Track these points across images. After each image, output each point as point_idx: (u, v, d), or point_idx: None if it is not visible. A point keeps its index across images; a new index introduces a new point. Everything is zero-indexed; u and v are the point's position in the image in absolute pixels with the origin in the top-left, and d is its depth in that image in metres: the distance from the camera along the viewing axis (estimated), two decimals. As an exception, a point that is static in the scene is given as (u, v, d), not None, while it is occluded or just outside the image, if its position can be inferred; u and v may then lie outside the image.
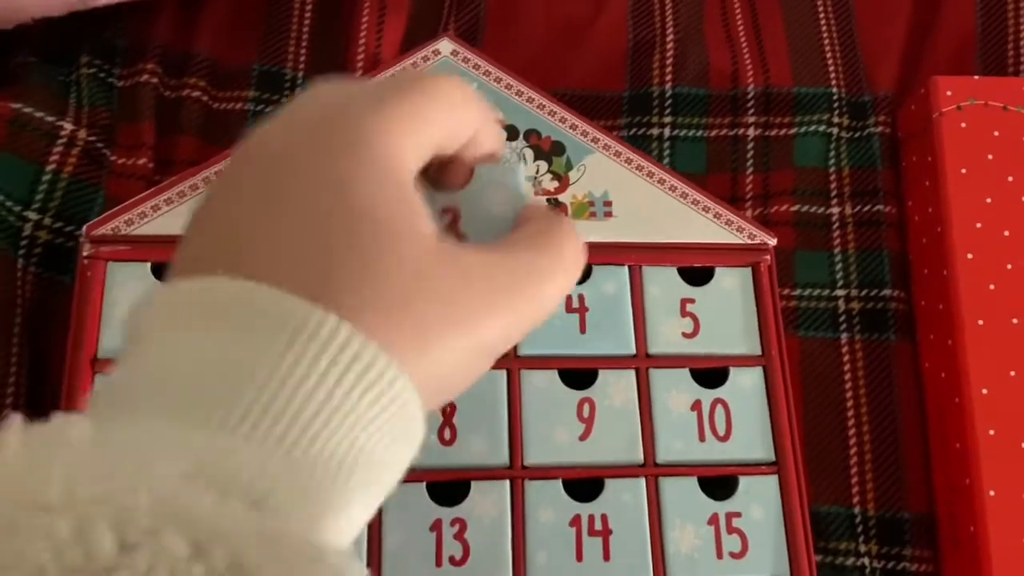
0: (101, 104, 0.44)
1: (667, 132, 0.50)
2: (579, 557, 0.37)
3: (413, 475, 0.36)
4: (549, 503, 0.37)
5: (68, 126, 0.43)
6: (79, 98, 0.44)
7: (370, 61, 0.49)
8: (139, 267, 0.39)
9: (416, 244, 0.23)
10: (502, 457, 0.38)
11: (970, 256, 0.46)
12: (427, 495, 0.37)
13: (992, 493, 0.42)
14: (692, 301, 0.41)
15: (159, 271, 0.39)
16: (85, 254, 0.38)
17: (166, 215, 0.39)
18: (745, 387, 0.40)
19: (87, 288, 0.38)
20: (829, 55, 0.53)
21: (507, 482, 0.37)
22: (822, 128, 0.51)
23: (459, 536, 0.36)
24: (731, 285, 0.42)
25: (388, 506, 0.36)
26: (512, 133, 0.42)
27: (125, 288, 0.38)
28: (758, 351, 0.41)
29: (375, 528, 0.36)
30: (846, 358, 0.47)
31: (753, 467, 0.39)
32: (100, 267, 0.38)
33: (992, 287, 0.45)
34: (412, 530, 0.36)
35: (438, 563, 0.36)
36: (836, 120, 0.51)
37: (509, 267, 0.25)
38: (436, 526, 0.36)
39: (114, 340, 0.38)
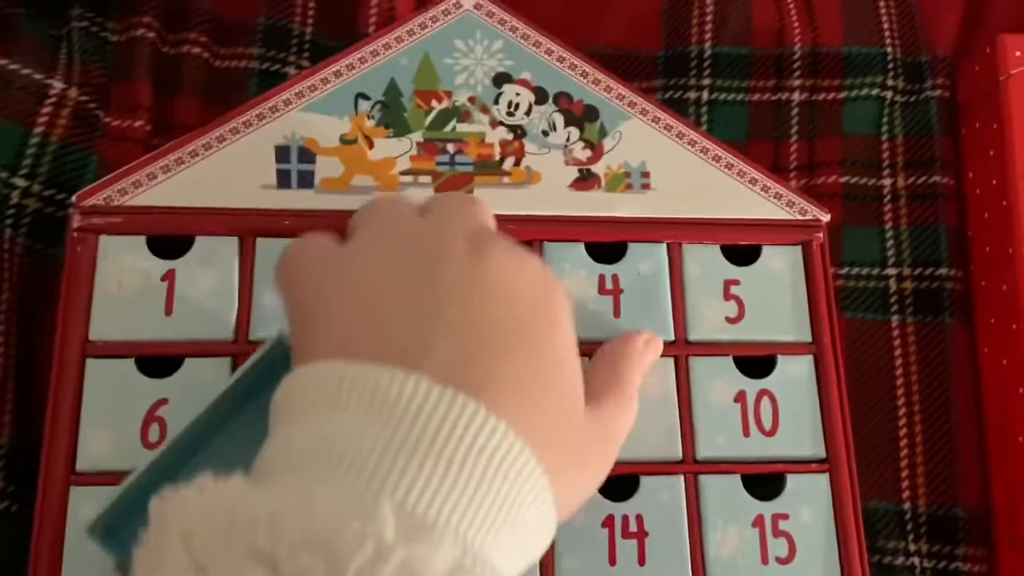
0: (94, 61, 0.41)
1: (705, 96, 0.46)
2: (612, 561, 0.34)
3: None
4: (580, 503, 0.34)
5: (58, 84, 0.39)
6: (70, 54, 0.41)
7: (384, 17, 0.45)
8: (133, 240, 0.35)
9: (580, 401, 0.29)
10: (529, 452, 0.35)
11: (1038, 233, 0.42)
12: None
13: (1057, 491, 0.39)
14: (736, 283, 0.38)
15: (154, 245, 0.36)
16: (75, 226, 0.35)
17: (163, 184, 0.36)
18: (794, 377, 0.37)
19: (77, 263, 0.35)
20: (883, 11, 0.49)
21: (534, 479, 0.34)
22: (875, 92, 0.47)
23: (482, 538, 0.33)
24: (779, 265, 0.38)
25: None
26: (541, 96, 0.39)
27: (118, 263, 0.35)
28: (808, 338, 0.37)
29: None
30: (897, 342, 0.43)
31: (802, 464, 0.36)
32: (91, 240, 0.35)
33: (1061, 267, 0.42)
34: None
35: (459, 567, 0.33)
36: (890, 83, 0.47)
37: (607, 430, 0.32)
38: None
39: (106, 319, 0.34)
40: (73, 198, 0.36)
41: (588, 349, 0.36)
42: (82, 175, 0.39)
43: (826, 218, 0.39)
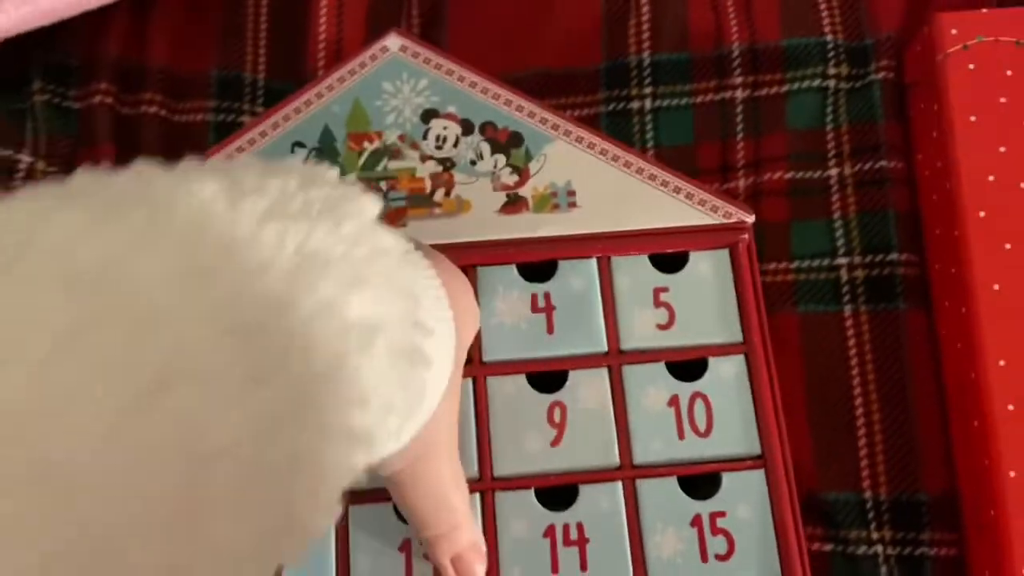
0: (59, 131, 0.44)
1: (648, 104, 0.47)
2: (555, 569, 0.35)
3: (380, 495, 0.36)
4: (521, 514, 0.36)
5: (26, 158, 0.43)
6: (35, 127, 0.44)
7: (331, 57, 0.47)
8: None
9: None
10: (471, 469, 0.36)
11: (982, 214, 0.42)
12: (395, 515, 0.36)
13: (1012, 474, 0.39)
14: (666, 290, 0.39)
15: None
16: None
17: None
18: (726, 377, 0.38)
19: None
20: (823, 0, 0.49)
21: (476, 495, 0.36)
22: (816, 83, 0.47)
23: (429, 555, 0.35)
24: (707, 269, 0.39)
25: (355, 527, 0.36)
26: (467, 127, 0.40)
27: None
28: (739, 338, 0.38)
29: (342, 552, 0.35)
30: (851, 332, 0.44)
31: (737, 462, 0.37)
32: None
33: (1008, 247, 0.41)
34: (381, 551, 0.35)
35: (408, 583, 0.35)
36: (832, 71, 0.47)
37: None
38: (405, 546, 0.36)
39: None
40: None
41: (526, 367, 0.38)
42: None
43: (750, 219, 0.39)
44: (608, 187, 0.39)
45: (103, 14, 0.46)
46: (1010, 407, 0.39)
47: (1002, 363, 0.40)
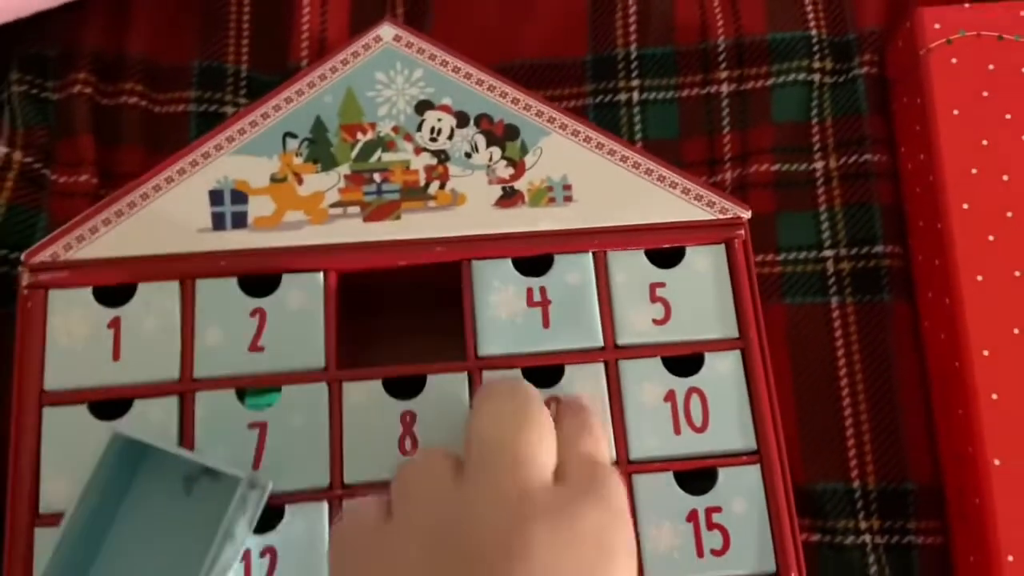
0: (37, 122, 0.43)
1: (636, 96, 0.47)
2: (552, 564, 0.35)
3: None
4: (519, 510, 0.36)
5: (2, 149, 0.41)
6: (13, 119, 0.43)
7: (315, 49, 0.46)
8: (80, 292, 0.37)
9: None
10: (467, 464, 0.36)
11: (966, 206, 0.43)
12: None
13: (997, 463, 0.40)
14: (662, 285, 0.39)
15: (100, 294, 0.37)
16: (25, 283, 0.37)
17: (105, 236, 0.38)
18: (722, 373, 0.38)
19: (29, 319, 0.37)
20: None
21: (474, 491, 0.36)
22: (801, 76, 0.47)
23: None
24: (703, 265, 0.39)
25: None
26: (462, 119, 0.40)
27: (66, 314, 0.37)
28: (735, 333, 0.38)
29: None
30: (837, 323, 0.44)
31: (733, 458, 0.37)
32: (40, 296, 0.37)
33: (991, 238, 0.42)
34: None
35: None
36: (816, 65, 0.47)
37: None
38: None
39: (59, 369, 0.36)
40: (22, 257, 0.37)
41: (522, 362, 0.37)
42: (32, 233, 0.41)
43: (747, 215, 0.40)
44: (605, 181, 0.39)
45: (82, 4, 0.45)
46: (993, 396, 0.40)
47: (986, 353, 0.41)
